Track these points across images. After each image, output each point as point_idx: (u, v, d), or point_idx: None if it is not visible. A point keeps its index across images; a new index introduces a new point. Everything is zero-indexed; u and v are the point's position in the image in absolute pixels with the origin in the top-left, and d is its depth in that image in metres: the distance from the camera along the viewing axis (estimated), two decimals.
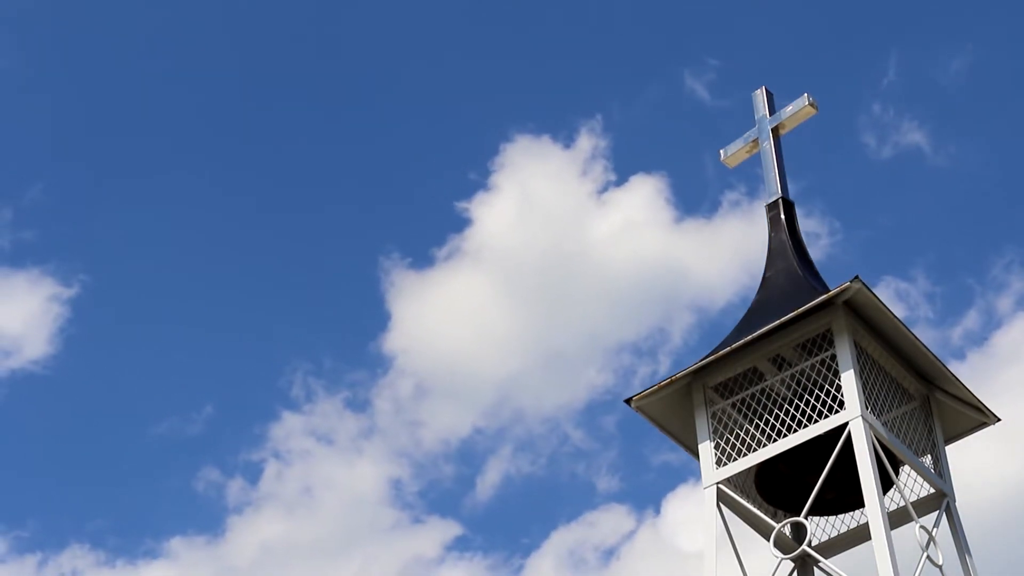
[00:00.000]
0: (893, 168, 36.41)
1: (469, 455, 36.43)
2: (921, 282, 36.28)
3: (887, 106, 36.41)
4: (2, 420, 36.12)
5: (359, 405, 36.97)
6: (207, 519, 36.41)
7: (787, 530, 15.35)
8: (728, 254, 34.82)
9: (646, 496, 37.04)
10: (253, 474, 36.35)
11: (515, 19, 37.62)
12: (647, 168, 36.65)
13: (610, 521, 36.54)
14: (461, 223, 36.88)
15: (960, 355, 35.73)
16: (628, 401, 15.60)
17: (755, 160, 17.20)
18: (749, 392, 15.34)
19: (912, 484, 15.30)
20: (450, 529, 36.00)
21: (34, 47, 36.85)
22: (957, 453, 15.68)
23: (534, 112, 37.94)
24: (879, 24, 36.49)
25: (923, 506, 15.15)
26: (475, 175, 37.18)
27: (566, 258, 35.73)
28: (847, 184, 36.63)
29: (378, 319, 36.78)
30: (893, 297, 35.29)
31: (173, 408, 36.34)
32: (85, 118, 36.62)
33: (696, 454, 15.37)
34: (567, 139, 37.42)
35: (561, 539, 36.31)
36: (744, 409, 15.35)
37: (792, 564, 15.31)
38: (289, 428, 36.58)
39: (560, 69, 37.42)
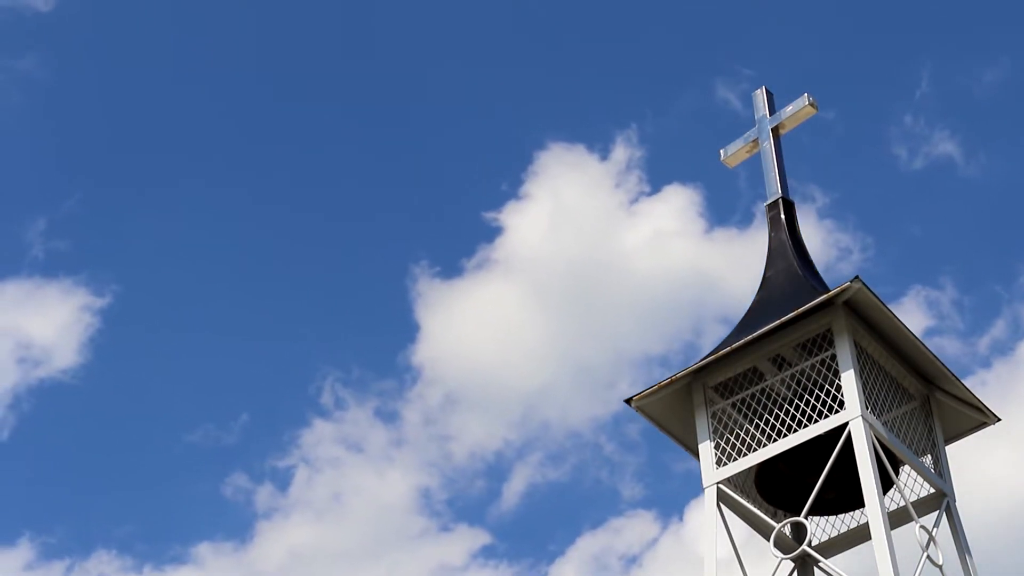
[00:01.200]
0: (924, 178, 36.59)
1: (497, 464, 36.56)
2: (949, 291, 36.45)
3: (919, 117, 36.57)
4: (31, 428, 36.39)
5: (388, 413, 37.15)
6: (235, 525, 36.63)
7: (787, 530, 15.35)
8: (759, 265, 34.73)
9: (671, 503, 37.20)
10: (282, 480, 36.60)
11: (551, 28, 37.71)
12: (681, 178, 36.69)
13: (635, 528, 36.61)
14: (491, 232, 37.04)
15: (986, 363, 36.00)
16: (628, 401, 15.60)
17: (762, 163, 17.13)
18: (749, 392, 15.34)
19: (912, 484, 15.31)
20: (477, 537, 36.14)
21: (69, 60, 37.31)
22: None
23: (568, 120, 37.97)
24: (913, 37, 36.80)
25: (923, 506, 15.15)
26: (507, 184, 37.42)
27: (596, 268, 35.79)
28: (877, 194, 36.95)
29: (408, 328, 36.99)
30: (923, 305, 35.57)
31: (202, 415, 36.69)
32: (118, 130, 37.06)
33: (696, 454, 15.37)
34: (601, 148, 37.47)
35: (586, 545, 36.36)
36: (744, 409, 15.35)
37: (792, 564, 15.31)
38: (319, 435, 36.83)
39: (595, 78, 37.50)
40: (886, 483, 14.70)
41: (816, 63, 36.46)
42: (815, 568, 15.37)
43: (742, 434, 15.14)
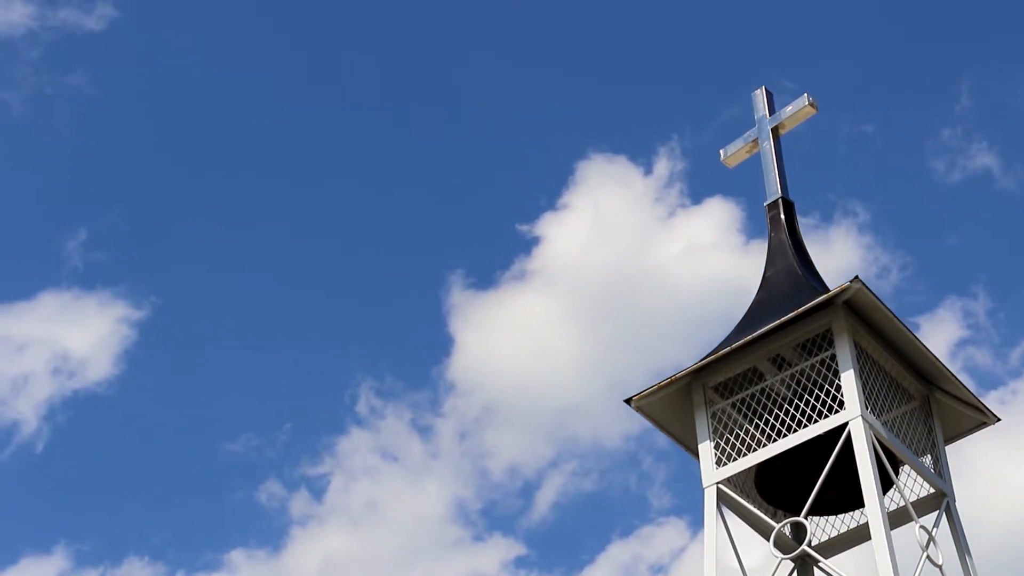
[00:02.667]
0: (961, 191, 36.75)
1: (530, 474, 36.58)
2: (983, 301, 36.57)
3: (956, 131, 36.72)
4: (65, 439, 36.56)
5: (423, 422, 37.25)
6: (269, 532, 36.80)
7: (787, 530, 15.35)
8: None
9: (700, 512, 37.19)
10: (317, 488, 36.74)
11: (594, 39, 37.71)
12: (722, 191, 36.70)
13: (664, 536, 36.65)
14: (528, 243, 37.00)
15: (1018, 374, 36.15)
16: (628, 401, 15.60)
17: (762, 163, 17.12)
18: (749, 392, 15.34)
19: (912, 484, 15.31)
20: (510, 547, 36.21)
21: (117, 77, 37.60)
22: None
23: (611, 131, 37.96)
24: (952, 51, 36.95)
25: (923, 506, 15.15)
26: (547, 195, 37.52)
27: (633, 280, 35.73)
28: (914, 207, 37.10)
29: (444, 339, 37.11)
30: (958, 315, 35.69)
31: (237, 424, 36.85)
32: (161, 144, 37.32)
33: (696, 454, 15.37)
34: (644, 160, 37.47)
35: (617, 552, 36.38)
36: (744, 409, 15.35)
37: (792, 564, 15.30)
38: (355, 444, 37.01)
39: (639, 88, 37.51)
40: (886, 483, 14.70)
41: (857, 77, 36.76)
42: (815, 568, 15.36)
43: (742, 434, 15.14)
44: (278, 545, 36.40)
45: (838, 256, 34.86)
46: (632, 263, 36.14)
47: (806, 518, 14.70)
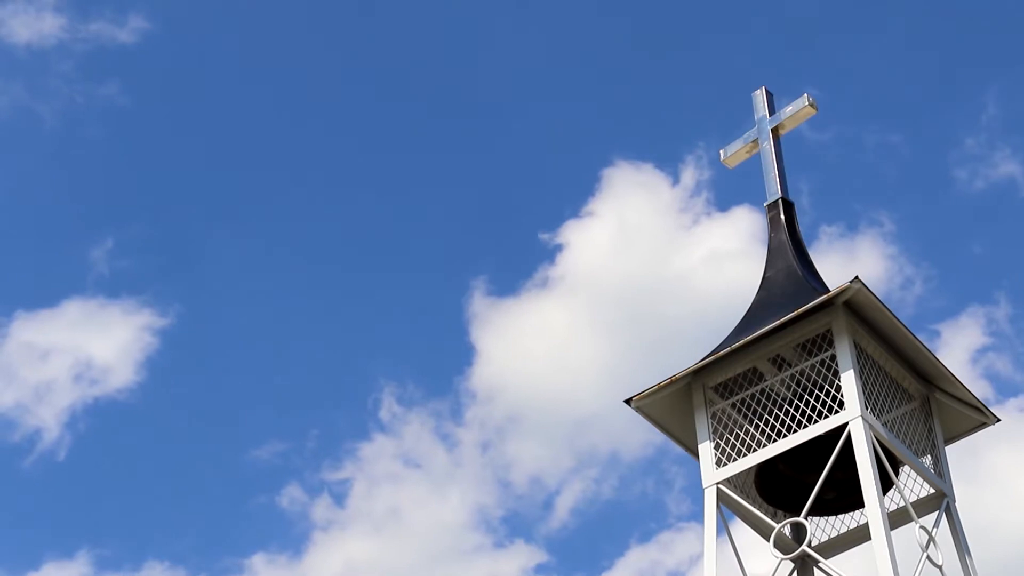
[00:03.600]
0: (985, 199, 36.87)
1: (552, 482, 36.60)
2: (1004, 307, 36.66)
3: (980, 139, 36.85)
4: (87, 446, 36.65)
5: (445, 429, 37.32)
6: (291, 537, 36.82)
7: (787, 530, 15.35)
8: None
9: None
10: (339, 494, 36.88)
11: (622, 44, 37.69)
12: (749, 200, 36.71)
13: (683, 541, 36.68)
14: (552, 250, 36.95)
15: None
16: (628, 401, 15.60)
17: (762, 163, 17.12)
18: (749, 392, 15.35)
19: (912, 484, 15.31)
20: (531, 554, 36.24)
21: (148, 87, 37.82)
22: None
23: (638, 138, 37.94)
24: (978, 60, 37.05)
25: (923, 506, 15.15)
26: (572, 202, 37.56)
27: (657, 289, 35.69)
28: (937, 215, 37.26)
29: (466, 346, 37.15)
30: (982, 322, 35.79)
31: (261, 430, 36.99)
32: (189, 155, 37.53)
33: (696, 454, 15.37)
34: (670, 167, 37.47)
35: (636, 558, 36.42)
36: (744, 409, 15.35)
37: (792, 564, 15.31)
38: (377, 450, 37.07)
39: (666, 95, 37.47)
40: (886, 483, 14.70)
41: (881, 87, 36.89)
42: (815, 568, 15.36)
43: (742, 434, 15.14)
44: (299, 550, 36.54)
45: (863, 265, 35.05)
46: (655, 271, 36.16)
47: (806, 518, 14.70)
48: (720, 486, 15.01)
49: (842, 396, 14.61)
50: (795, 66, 36.53)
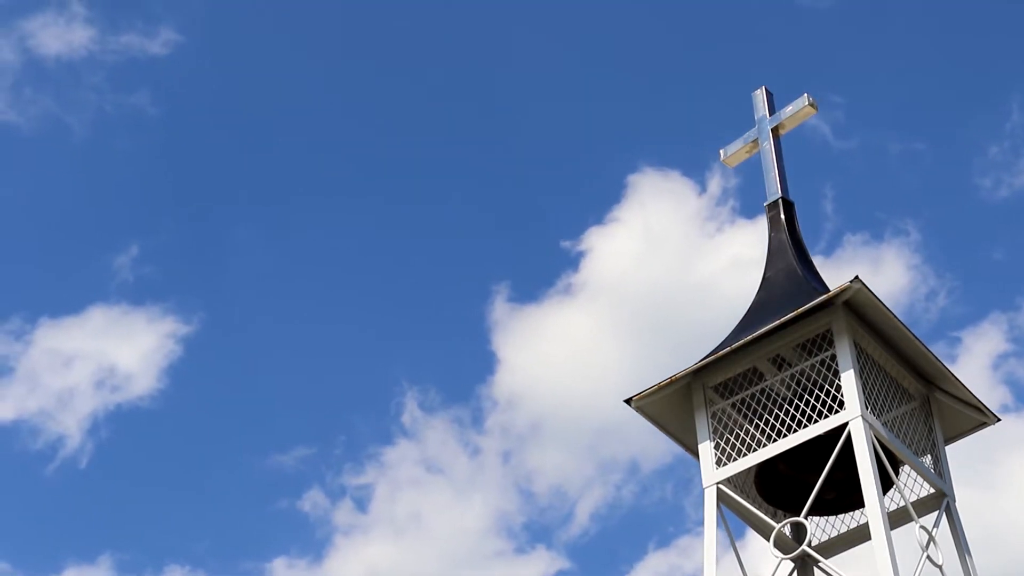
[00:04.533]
0: (1008, 206, 36.97)
1: (574, 488, 36.65)
2: None
3: (1004, 146, 36.89)
4: (109, 452, 36.81)
5: (467, 435, 37.43)
6: (312, 541, 36.89)
7: (787, 530, 15.36)
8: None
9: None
10: (360, 499, 36.97)
11: (649, 49, 37.76)
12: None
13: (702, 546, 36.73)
14: (576, 257, 36.95)
15: None
16: (628, 401, 15.60)
17: (762, 163, 17.12)
18: (749, 392, 15.35)
19: (912, 484, 15.31)
20: (552, 560, 36.31)
21: (177, 98, 38.05)
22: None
23: (664, 144, 37.90)
24: (1002, 68, 37.08)
25: (923, 506, 15.15)
26: (597, 208, 37.50)
27: (681, 295, 35.70)
28: (960, 222, 37.35)
29: (489, 352, 37.25)
30: (1007, 328, 35.98)
31: (280, 436, 37.09)
32: (214, 163, 37.72)
33: (696, 454, 15.38)
34: (696, 174, 37.38)
35: (655, 563, 36.48)
36: (744, 409, 15.35)
37: (792, 564, 15.31)
38: (399, 455, 37.18)
39: (692, 100, 37.41)
40: (886, 483, 14.70)
41: (907, 95, 36.92)
42: (815, 568, 15.37)
43: (742, 434, 15.14)
44: (320, 554, 36.61)
45: (888, 277, 35.32)
46: (679, 278, 36.14)
47: (806, 518, 14.70)
48: (720, 486, 15.01)
49: (842, 396, 14.61)
50: (817, 74, 36.66)
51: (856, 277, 14.68)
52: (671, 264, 36.41)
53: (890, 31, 36.96)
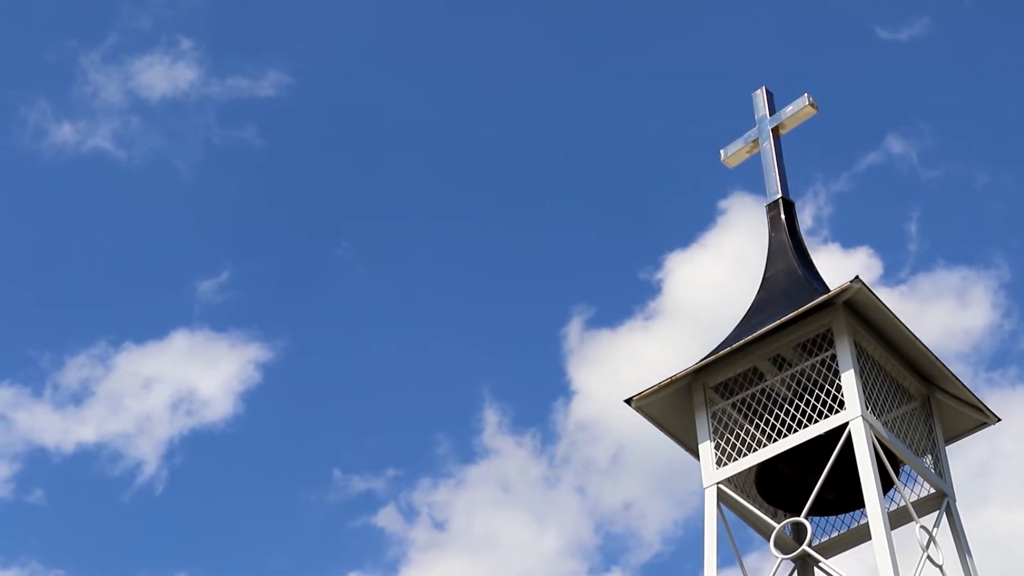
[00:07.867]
0: None
1: (648, 512, 36.82)
2: None
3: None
4: (184, 475, 37.11)
5: (545, 457, 37.67)
6: (387, 558, 37.03)
7: (787, 530, 15.36)
8: (937, 322, 35.52)
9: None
10: (437, 518, 37.16)
11: (745, 73, 37.94)
12: (869, 241, 36.66)
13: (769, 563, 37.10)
14: (658, 282, 37.05)
15: None
16: (628, 401, 15.61)
17: (762, 163, 17.12)
18: (749, 392, 15.35)
19: (912, 484, 15.32)
20: None
21: (282, 132, 38.55)
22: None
23: (753, 172, 38.01)
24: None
25: (923, 506, 15.15)
26: (682, 233, 37.68)
27: None
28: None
29: (567, 375, 37.47)
30: None
31: (359, 455, 37.45)
32: (309, 188, 38.12)
33: (696, 454, 15.38)
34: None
35: None
36: (744, 409, 15.35)
37: (792, 564, 15.31)
38: (478, 475, 37.42)
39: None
40: (886, 483, 14.70)
41: (993, 124, 37.07)
42: (815, 568, 15.37)
43: (742, 434, 15.14)
44: (393, 570, 36.82)
45: (974, 306, 35.81)
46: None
47: (806, 518, 14.70)
48: (720, 486, 15.02)
49: (842, 396, 14.61)
50: (906, 101, 36.94)
51: (856, 277, 14.69)
52: (754, 291, 36.50)
53: (976, 61, 37.11)
